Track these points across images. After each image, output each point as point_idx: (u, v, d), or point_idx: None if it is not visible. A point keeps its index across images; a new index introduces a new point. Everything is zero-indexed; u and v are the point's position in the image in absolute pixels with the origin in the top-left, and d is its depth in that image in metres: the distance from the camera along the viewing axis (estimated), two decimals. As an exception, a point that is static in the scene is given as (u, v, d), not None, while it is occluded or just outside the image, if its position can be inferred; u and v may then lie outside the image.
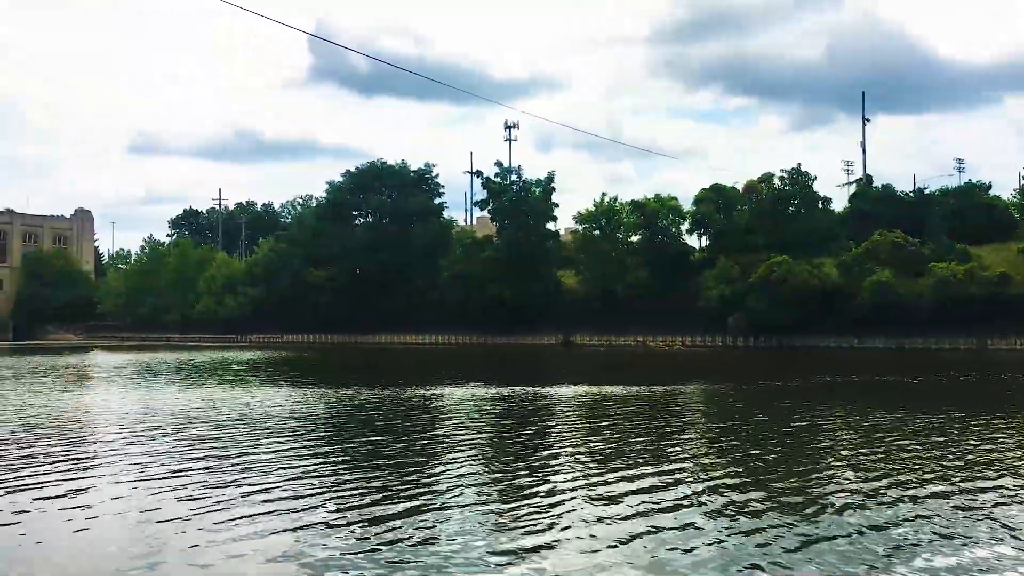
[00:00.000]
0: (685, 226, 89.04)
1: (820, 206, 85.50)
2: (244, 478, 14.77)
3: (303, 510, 12.37)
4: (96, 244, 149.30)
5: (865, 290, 72.33)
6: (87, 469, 15.96)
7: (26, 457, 17.26)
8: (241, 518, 11.84)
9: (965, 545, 10.36)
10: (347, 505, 12.74)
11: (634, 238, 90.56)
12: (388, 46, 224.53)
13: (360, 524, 11.57)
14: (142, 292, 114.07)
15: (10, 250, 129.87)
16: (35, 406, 27.21)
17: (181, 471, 15.47)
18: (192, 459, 16.79)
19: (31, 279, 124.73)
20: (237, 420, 23.33)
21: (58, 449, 18.34)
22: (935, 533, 10.92)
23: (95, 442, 19.65)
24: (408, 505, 12.70)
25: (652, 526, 11.35)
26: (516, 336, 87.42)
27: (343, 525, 11.55)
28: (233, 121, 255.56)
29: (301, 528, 11.34)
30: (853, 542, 10.54)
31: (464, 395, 30.85)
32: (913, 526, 11.28)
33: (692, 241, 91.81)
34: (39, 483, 14.53)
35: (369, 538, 10.87)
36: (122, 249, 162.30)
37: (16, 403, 28.22)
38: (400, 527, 11.37)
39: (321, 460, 16.85)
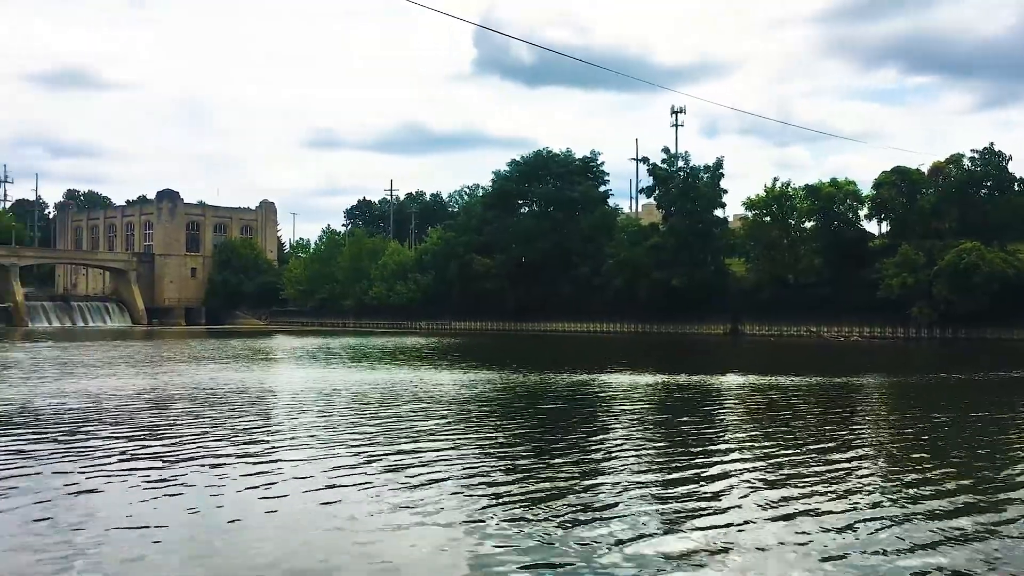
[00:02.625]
0: (863, 211, 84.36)
1: (1016, 188, 79.05)
2: (415, 457, 15.12)
3: (470, 493, 12.50)
4: (279, 234, 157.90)
5: (1068, 279, 66.40)
6: (274, 445, 16.79)
7: (222, 430, 18.37)
8: (410, 496, 12.12)
9: None
10: (513, 489, 12.78)
11: (808, 224, 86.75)
12: (551, 36, 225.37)
13: (524, 508, 11.58)
14: (320, 279, 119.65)
15: (203, 240, 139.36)
16: (231, 382, 29.01)
17: (359, 450, 16.04)
18: (369, 438, 17.37)
19: (221, 267, 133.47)
20: (409, 401, 23.99)
21: (250, 424, 19.43)
22: None
23: (281, 419, 20.71)
24: (574, 491, 12.61)
25: (817, 521, 10.79)
26: (681, 325, 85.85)
27: (510, 512, 11.58)
28: (403, 114, 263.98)
29: (469, 511, 11.45)
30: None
31: (629, 383, 30.50)
32: None
33: (871, 227, 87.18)
34: (231, 453, 15.40)
35: (533, 522, 10.85)
36: (302, 238, 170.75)
37: (210, 380, 30.19)
38: (564, 512, 11.29)
39: (487, 444, 17.03)
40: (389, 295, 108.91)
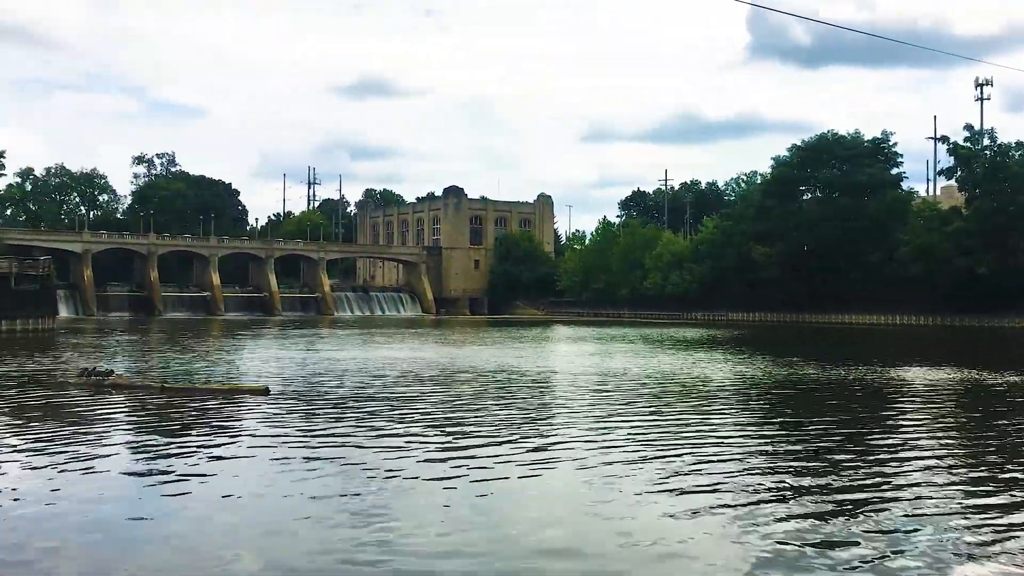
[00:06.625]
0: None
1: None
2: (688, 448, 14.73)
3: (744, 488, 11.95)
4: (555, 226, 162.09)
5: None
6: (551, 426, 17.06)
7: (512, 408, 18.99)
8: (680, 489, 11.77)
9: None
10: (791, 488, 12.09)
11: None
12: (832, 13, 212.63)
13: (805, 507, 10.88)
14: (595, 270, 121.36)
15: (485, 233, 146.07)
16: (523, 365, 30.09)
17: (631, 435, 15.92)
18: (643, 425, 17.20)
19: (501, 259, 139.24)
20: (687, 392, 23.56)
21: (530, 404, 19.93)
22: None
23: (558, 401, 21.05)
24: (862, 496, 11.69)
25: None
26: (988, 316, 77.80)
27: (789, 511, 10.92)
28: (677, 104, 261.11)
29: (744, 508, 10.93)
30: None
31: (930, 379, 27.97)
32: None
33: None
34: (510, 435, 15.83)
35: (815, 526, 10.14)
36: (578, 230, 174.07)
37: (508, 363, 31.46)
38: (850, 520, 10.45)
39: (766, 438, 16.27)
40: (664, 285, 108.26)
